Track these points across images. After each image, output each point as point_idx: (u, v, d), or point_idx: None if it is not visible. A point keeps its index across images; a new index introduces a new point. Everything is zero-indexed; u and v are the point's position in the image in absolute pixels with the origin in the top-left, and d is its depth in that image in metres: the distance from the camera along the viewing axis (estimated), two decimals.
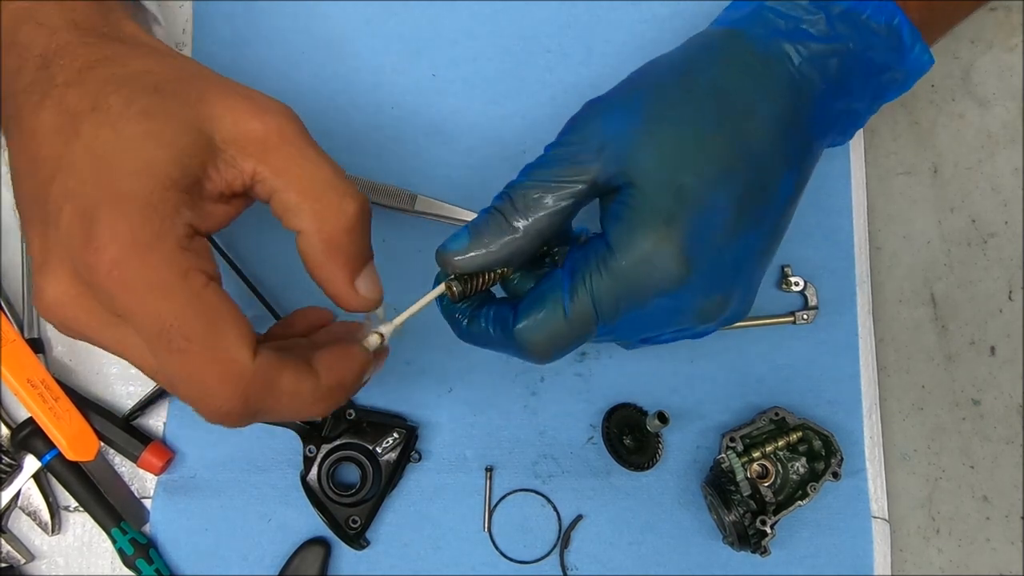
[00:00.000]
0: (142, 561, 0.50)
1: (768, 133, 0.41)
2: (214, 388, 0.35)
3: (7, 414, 0.52)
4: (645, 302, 0.41)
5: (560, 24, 0.57)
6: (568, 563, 0.53)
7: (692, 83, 0.42)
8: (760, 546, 0.50)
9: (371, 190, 0.54)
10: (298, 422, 0.52)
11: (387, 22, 0.57)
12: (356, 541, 0.51)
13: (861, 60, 0.44)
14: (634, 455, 0.52)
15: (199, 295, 0.34)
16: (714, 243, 0.40)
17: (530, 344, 0.42)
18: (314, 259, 0.38)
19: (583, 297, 0.40)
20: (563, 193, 0.41)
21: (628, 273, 0.40)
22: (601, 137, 0.41)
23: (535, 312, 0.41)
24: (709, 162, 0.40)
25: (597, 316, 0.41)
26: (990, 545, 0.54)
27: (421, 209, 0.54)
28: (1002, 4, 0.60)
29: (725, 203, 0.40)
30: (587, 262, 0.41)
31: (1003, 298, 0.57)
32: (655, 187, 0.40)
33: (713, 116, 0.41)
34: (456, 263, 0.41)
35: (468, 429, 0.54)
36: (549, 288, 0.41)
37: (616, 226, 0.40)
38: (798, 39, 0.43)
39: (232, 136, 0.37)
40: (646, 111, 0.41)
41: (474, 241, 0.41)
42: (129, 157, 0.34)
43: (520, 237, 0.41)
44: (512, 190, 0.42)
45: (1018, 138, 0.58)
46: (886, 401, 0.56)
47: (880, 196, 0.58)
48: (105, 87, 0.36)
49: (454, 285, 0.42)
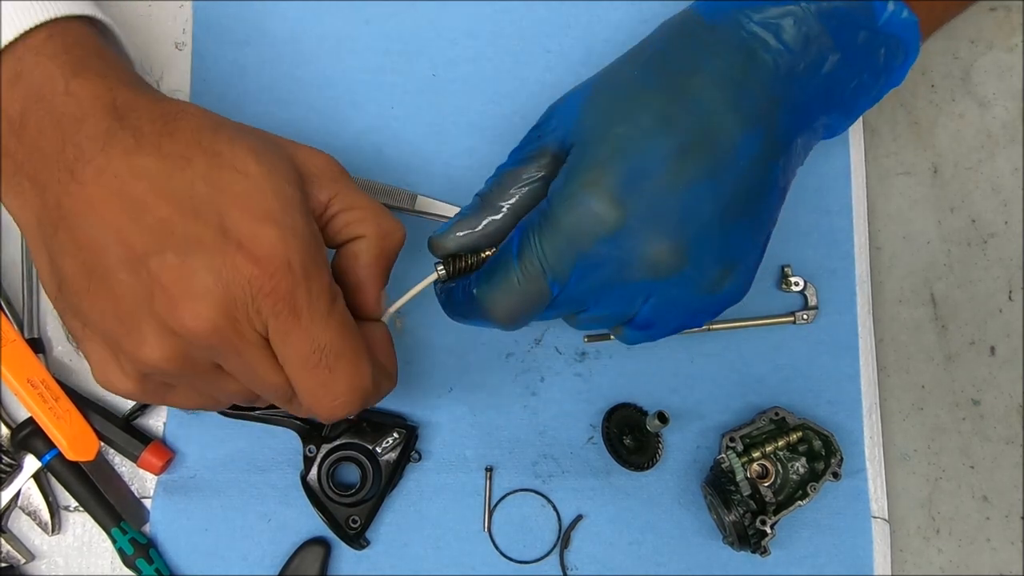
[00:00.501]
0: (142, 561, 0.50)
1: (713, 87, 0.42)
2: (343, 398, 0.40)
3: (7, 414, 0.52)
4: (587, 252, 0.41)
5: (560, 24, 0.57)
6: (568, 563, 0.53)
7: (640, 55, 0.45)
8: (760, 546, 0.50)
9: (371, 190, 0.54)
10: (298, 422, 0.52)
11: (387, 22, 0.57)
12: (356, 541, 0.51)
13: (827, 20, 0.43)
14: (634, 455, 0.52)
15: (345, 319, 0.39)
16: (652, 188, 0.41)
17: (489, 307, 0.43)
18: (366, 263, 0.43)
19: (528, 253, 0.42)
20: (530, 170, 0.44)
21: (565, 222, 0.41)
22: (559, 114, 0.45)
23: (490, 274, 0.43)
24: (644, 112, 0.42)
25: (543, 270, 0.42)
26: (990, 545, 0.54)
27: (421, 209, 0.54)
28: (1002, 4, 0.60)
29: (663, 150, 0.41)
30: (531, 220, 0.42)
31: (1003, 298, 0.57)
32: (591, 140, 0.42)
33: (653, 76, 0.43)
34: (441, 244, 0.45)
35: (468, 429, 0.54)
36: (502, 251, 0.44)
37: (556, 182, 0.42)
38: (748, 6, 0.43)
39: (308, 172, 0.41)
40: (594, 84, 0.45)
41: (457, 224, 0.45)
42: (267, 194, 0.37)
43: (496, 218, 0.45)
44: (493, 176, 0.46)
45: (1018, 138, 0.58)
46: (886, 401, 0.56)
47: (880, 196, 0.58)
48: (201, 136, 0.38)
49: (440, 267, 0.45)
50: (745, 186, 0.43)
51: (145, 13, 0.57)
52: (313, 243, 0.38)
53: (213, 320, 0.36)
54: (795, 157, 0.46)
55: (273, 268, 0.36)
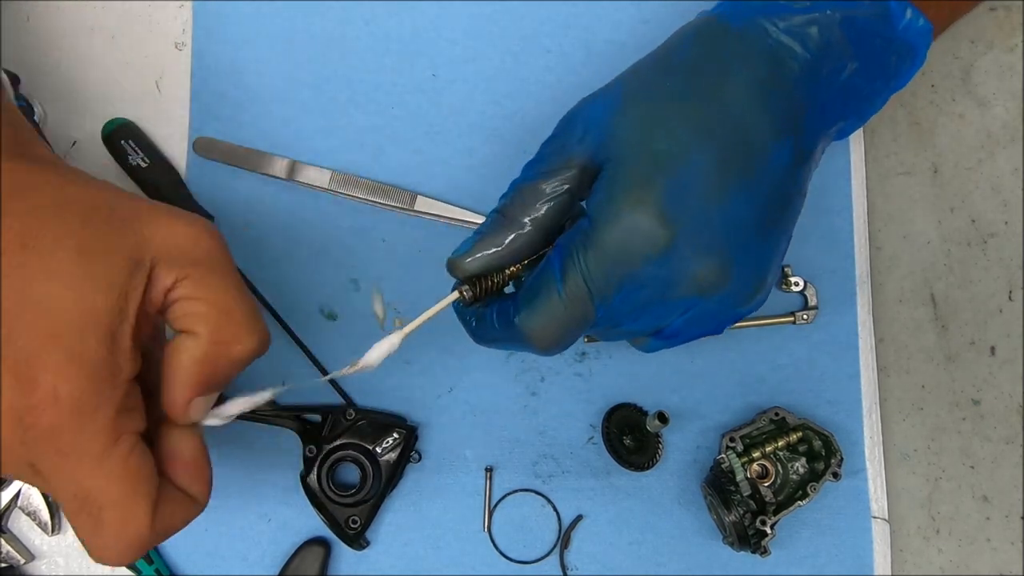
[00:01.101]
0: (142, 561, 0.50)
1: (746, 96, 0.41)
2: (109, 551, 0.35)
3: None
4: (634, 272, 0.40)
5: (560, 24, 0.57)
6: (568, 563, 0.53)
7: (665, 63, 0.43)
8: (760, 546, 0.50)
9: (371, 190, 0.54)
10: (297, 423, 0.52)
11: (387, 22, 0.57)
12: (356, 541, 0.51)
13: (848, 28, 0.43)
14: (634, 455, 0.52)
15: (125, 463, 0.34)
16: (697, 203, 0.40)
17: (532, 333, 0.41)
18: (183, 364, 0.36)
19: (573, 275, 0.40)
20: (555, 183, 0.42)
21: (611, 242, 0.40)
22: (584, 124, 0.43)
23: (531, 299, 0.41)
24: (683, 125, 0.41)
25: (591, 292, 0.40)
26: (990, 545, 0.54)
27: (421, 209, 0.54)
28: (1002, 4, 0.60)
29: (704, 163, 0.40)
30: (572, 240, 0.41)
31: (1003, 298, 0.57)
32: (630, 155, 0.41)
33: (686, 86, 0.42)
34: (463, 266, 0.42)
35: (468, 429, 0.54)
36: (541, 273, 0.41)
37: (596, 199, 0.41)
38: (774, 13, 0.43)
39: (162, 251, 0.36)
40: (623, 93, 0.43)
41: (479, 243, 0.42)
42: (68, 307, 0.33)
43: (522, 233, 0.42)
44: (511, 189, 0.43)
45: (1018, 138, 0.58)
46: (886, 401, 0.56)
47: (880, 196, 0.58)
48: (32, 221, 0.34)
49: (465, 289, 0.43)
50: (778, 195, 0.43)
51: (145, 13, 0.57)
52: (99, 374, 0.33)
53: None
54: (815, 163, 0.46)
55: (37, 400, 0.32)
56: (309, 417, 0.52)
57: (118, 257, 0.35)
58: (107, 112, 0.55)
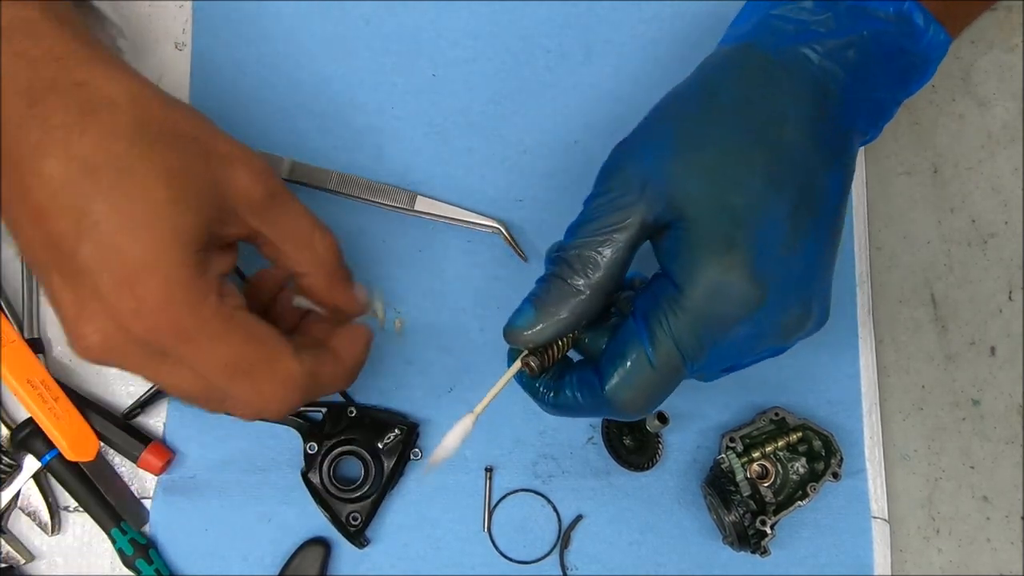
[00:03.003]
0: (142, 561, 0.50)
1: (803, 135, 0.41)
2: (277, 396, 0.40)
3: (7, 414, 0.52)
4: (727, 332, 0.40)
5: (560, 24, 0.57)
6: (568, 563, 0.53)
7: (715, 103, 0.41)
8: (760, 546, 0.50)
9: (371, 190, 0.54)
10: (298, 421, 0.52)
11: (387, 22, 0.57)
12: (357, 538, 0.51)
13: (878, 46, 0.43)
14: (634, 455, 0.52)
15: (248, 329, 0.39)
16: (780, 256, 0.39)
17: (623, 402, 0.40)
18: (321, 292, 0.44)
19: (664, 342, 0.39)
20: (615, 243, 0.40)
21: (703, 307, 0.39)
22: (639, 177, 0.40)
23: (619, 368, 0.40)
24: (753, 176, 0.39)
25: (683, 358, 0.40)
26: (990, 545, 0.54)
27: (421, 209, 0.54)
28: (1002, 4, 0.60)
29: (780, 214, 0.40)
30: (658, 305, 0.40)
31: (1003, 298, 0.57)
32: (706, 214, 0.39)
33: (744, 130, 0.40)
34: (527, 338, 0.41)
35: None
36: (626, 340, 0.40)
37: (677, 262, 0.40)
38: (812, 39, 0.42)
39: (239, 197, 0.40)
40: (676, 140, 0.41)
41: (540, 313, 0.41)
42: (160, 225, 0.36)
43: (585, 298, 0.40)
44: (564, 252, 0.41)
45: (1018, 138, 0.58)
46: (886, 401, 0.56)
47: (880, 196, 0.58)
48: (115, 140, 0.36)
49: (532, 361, 0.42)
50: (836, 225, 0.43)
51: (145, 13, 0.57)
52: (192, 277, 0.37)
53: (100, 345, 0.37)
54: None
55: (153, 304, 0.36)
56: (310, 414, 0.52)
57: (199, 185, 0.38)
58: None
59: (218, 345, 0.38)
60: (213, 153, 0.39)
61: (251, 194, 0.40)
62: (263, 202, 0.40)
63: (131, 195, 0.36)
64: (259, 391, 0.40)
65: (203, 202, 0.38)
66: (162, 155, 0.37)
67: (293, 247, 0.42)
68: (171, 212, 0.37)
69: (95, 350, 0.37)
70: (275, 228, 0.42)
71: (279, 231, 0.42)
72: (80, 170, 0.36)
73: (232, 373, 0.39)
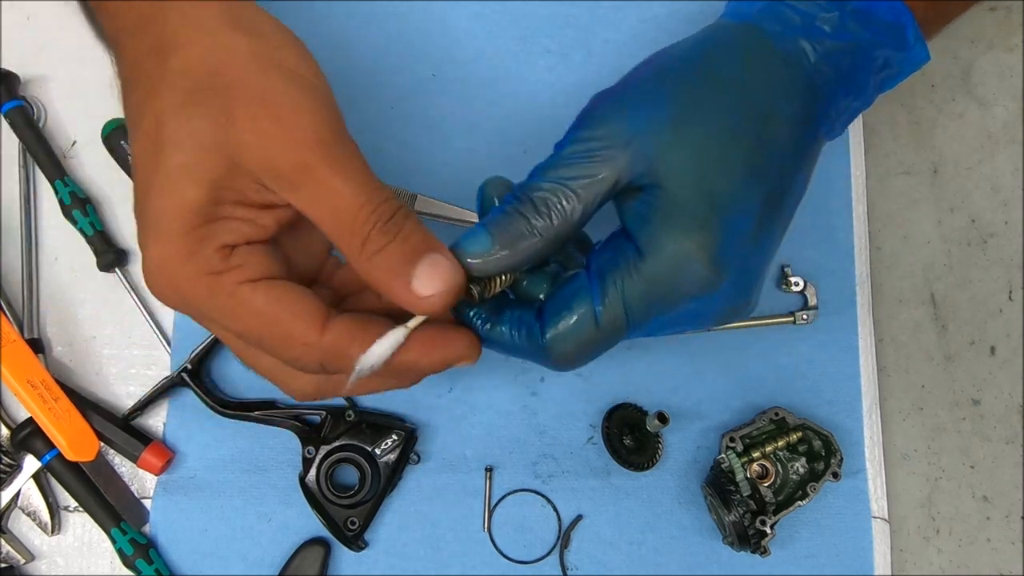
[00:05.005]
0: (142, 561, 0.50)
1: (788, 133, 0.41)
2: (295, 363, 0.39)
3: (7, 414, 0.52)
4: (676, 306, 0.40)
5: (560, 24, 0.57)
6: (568, 563, 0.53)
7: (716, 80, 0.41)
8: (760, 546, 0.50)
9: None
10: (297, 424, 0.52)
11: (387, 22, 0.57)
12: (354, 543, 0.51)
13: (868, 57, 0.43)
14: (634, 455, 0.52)
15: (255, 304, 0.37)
16: (743, 247, 0.40)
17: (560, 354, 0.40)
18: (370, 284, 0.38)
19: (615, 303, 0.39)
20: (586, 194, 0.39)
21: (660, 278, 0.39)
22: (624, 134, 0.39)
23: (564, 319, 0.40)
24: (737, 164, 0.40)
25: (628, 321, 0.40)
26: (990, 545, 0.54)
27: (421, 209, 0.54)
28: (1002, 4, 0.60)
29: (752, 207, 0.40)
30: (616, 266, 0.39)
31: (1003, 298, 0.57)
32: (687, 191, 0.39)
33: (739, 116, 0.40)
34: (477, 266, 0.39)
35: (468, 429, 0.54)
36: (575, 294, 0.40)
37: (646, 229, 0.39)
38: (814, 36, 0.42)
39: (263, 167, 0.36)
40: (671, 107, 0.40)
41: (495, 244, 0.39)
42: (164, 193, 0.37)
43: (541, 241, 0.39)
44: (530, 191, 0.40)
45: (1018, 138, 0.58)
46: (886, 401, 0.56)
47: (880, 196, 0.58)
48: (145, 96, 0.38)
49: (474, 287, 0.40)
50: (788, 223, 0.43)
51: None
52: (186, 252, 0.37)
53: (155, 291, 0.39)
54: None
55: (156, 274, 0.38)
56: (309, 417, 0.52)
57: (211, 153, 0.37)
58: (107, 112, 0.55)
59: (222, 319, 0.38)
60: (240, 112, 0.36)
61: (275, 166, 0.36)
62: (291, 176, 0.36)
63: (154, 158, 0.37)
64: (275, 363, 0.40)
65: (210, 173, 0.36)
66: (175, 117, 0.37)
67: (332, 227, 0.37)
68: (174, 182, 0.36)
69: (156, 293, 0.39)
70: (308, 205, 0.37)
71: (314, 210, 0.37)
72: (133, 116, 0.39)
73: (245, 346, 0.40)
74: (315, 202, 0.37)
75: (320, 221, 0.37)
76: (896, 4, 0.43)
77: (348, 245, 0.37)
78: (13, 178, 0.56)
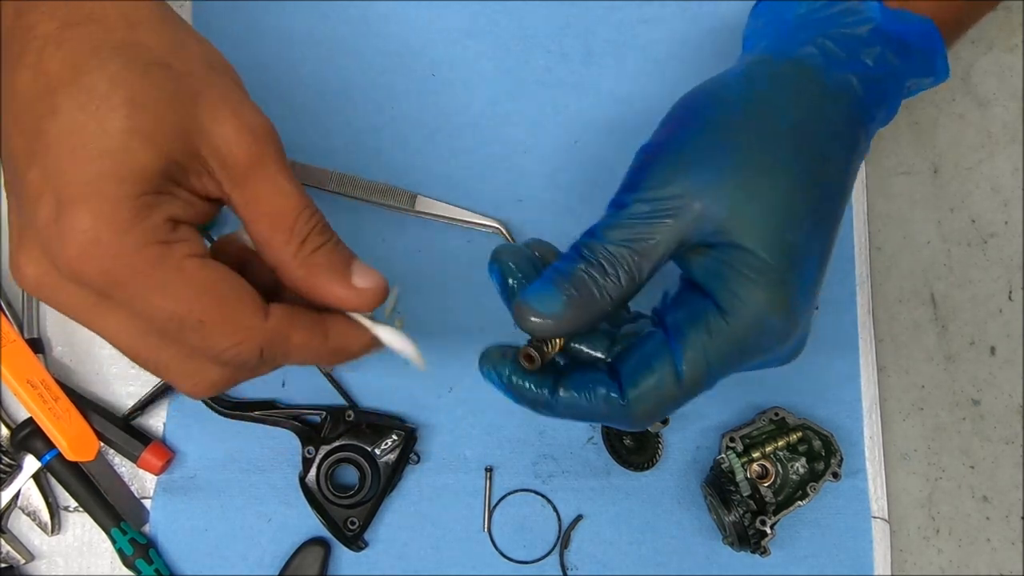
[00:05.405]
0: (142, 561, 0.50)
1: (841, 175, 0.41)
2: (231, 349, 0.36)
3: (7, 414, 0.52)
4: (754, 359, 0.40)
5: (560, 24, 0.57)
6: (568, 563, 0.53)
7: (774, 125, 0.40)
8: (760, 546, 0.50)
9: (371, 190, 0.54)
10: (297, 424, 0.52)
11: (387, 22, 0.57)
12: (354, 543, 0.51)
13: (901, 83, 0.44)
14: (634, 455, 0.52)
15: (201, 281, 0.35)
16: (812, 294, 0.40)
17: (641, 412, 0.39)
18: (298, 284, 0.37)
19: (698, 360, 0.38)
20: (653, 256, 0.39)
21: (743, 336, 0.38)
22: (692, 193, 0.39)
23: (645, 379, 0.39)
24: (805, 212, 0.39)
25: (710, 378, 0.39)
26: (990, 545, 0.54)
27: (421, 209, 0.54)
28: (1002, 4, 0.60)
29: (820, 254, 0.40)
30: (696, 325, 0.39)
31: (1003, 298, 0.57)
32: (763, 247, 0.38)
33: (800, 161, 0.40)
34: (545, 326, 0.38)
35: (468, 429, 0.54)
36: (655, 353, 0.39)
37: (725, 287, 0.39)
38: (858, 70, 0.42)
39: (216, 154, 0.36)
40: (731, 159, 0.39)
41: (567, 307, 0.38)
42: (112, 155, 0.33)
43: (610, 304, 0.39)
44: (597, 250, 0.39)
45: (1018, 138, 0.58)
46: (886, 401, 0.56)
47: (880, 196, 0.58)
48: (88, 57, 0.33)
49: (534, 351, 0.39)
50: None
51: None
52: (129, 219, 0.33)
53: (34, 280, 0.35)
54: None
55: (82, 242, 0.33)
56: (309, 417, 0.52)
57: (167, 124, 0.34)
58: None
59: (159, 295, 0.34)
60: (202, 97, 0.35)
61: (229, 155, 0.35)
62: (242, 168, 0.36)
63: (87, 119, 0.33)
64: (208, 347, 0.35)
65: (167, 143, 0.34)
66: (134, 82, 0.34)
67: (269, 228, 0.37)
68: (124, 144, 0.33)
69: (29, 284, 0.35)
70: (250, 202, 0.36)
71: (254, 207, 0.36)
72: (46, 86, 0.33)
73: (179, 326, 0.35)
74: (258, 199, 0.36)
75: (258, 218, 0.36)
76: (931, 31, 0.43)
77: (285, 243, 0.37)
78: None
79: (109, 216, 0.33)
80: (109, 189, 0.33)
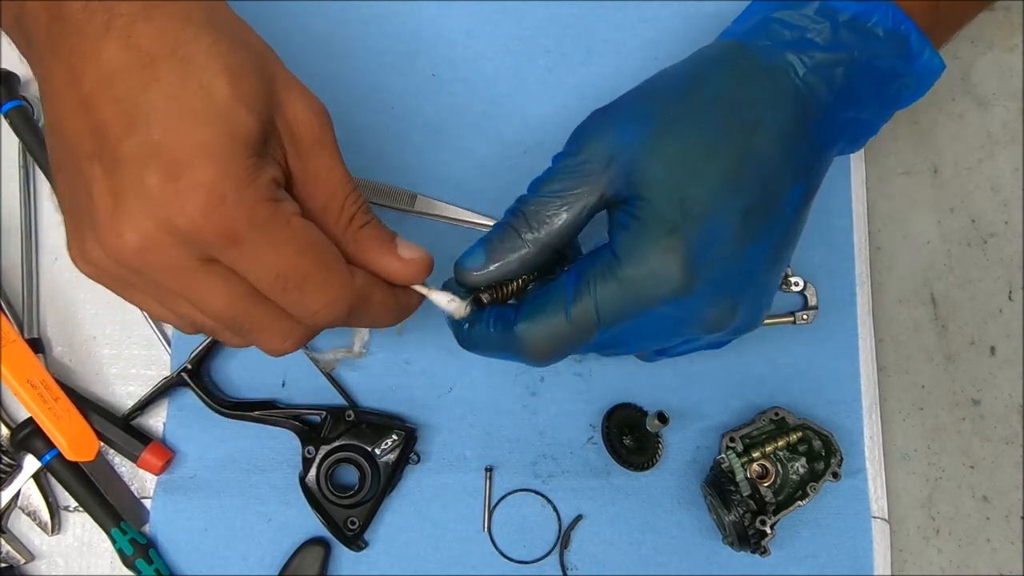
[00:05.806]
0: (142, 561, 0.50)
1: (774, 144, 0.42)
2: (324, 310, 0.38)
3: (7, 414, 0.52)
4: (649, 310, 0.41)
5: (560, 24, 0.57)
6: (568, 563, 0.53)
7: (698, 94, 0.43)
8: (760, 546, 0.50)
9: (371, 190, 0.54)
10: (297, 424, 0.52)
11: (387, 22, 0.57)
12: (354, 543, 0.51)
13: (868, 68, 0.44)
14: (634, 455, 0.52)
15: (305, 237, 0.37)
16: (721, 254, 0.41)
17: (529, 343, 0.42)
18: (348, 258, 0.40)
19: (586, 301, 0.41)
20: (570, 208, 0.42)
21: (632, 281, 0.41)
22: (609, 150, 0.42)
23: (537, 312, 0.42)
24: (715, 174, 0.41)
25: (599, 320, 0.41)
26: (990, 545, 0.54)
27: (421, 209, 0.54)
28: (1002, 4, 0.60)
29: (731, 214, 0.41)
30: (592, 268, 0.41)
31: (1003, 298, 0.57)
32: (661, 199, 0.41)
33: (719, 127, 0.42)
34: (474, 278, 0.43)
35: (468, 429, 0.54)
36: (553, 290, 0.42)
37: (622, 235, 0.41)
38: (803, 49, 0.43)
39: (288, 128, 0.38)
40: (653, 123, 0.42)
41: (489, 257, 0.43)
42: (220, 119, 0.35)
43: (529, 251, 0.42)
44: (523, 205, 0.43)
45: (1018, 138, 0.58)
46: (886, 401, 0.56)
47: (880, 196, 0.58)
48: (180, 31, 0.35)
49: (483, 295, 0.44)
50: (788, 236, 0.44)
51: None
52: (247, 177, 0.35)
53: (137, 245, 0.35)
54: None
55: (203, 201, 0.34)
56: (309, 417, 0.52)
57: (260, 92, 0.36)
58: None
59: (271, 251, 0.36)
60: (275, 75, 0.38)
61: (298, 131, 0.38)
62: (307, 144, 0.38)
63: (192, 87, 0.34)
64: (306, 306, 0.38)
65: (262, 111, 0.36)
66: (228, 54, 0.36)
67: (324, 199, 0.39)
68: (231, 109, 0.35)
69: (128, 250, 0.35)
70: (309, 177, 0.39)
71: (312, 183, 0.39)
72: (140, 59, 0.34)
73: (284, 285, 0.37)
74: (316, 175, 0.39)
75: (314, 195, 0.39)
76: (893, 10, 0.43)
77: (337, 219, 0.40)
78: (13, 178, 0.56)
79: (231, 172, 0.35)
80: (224, 150, 0.35)
